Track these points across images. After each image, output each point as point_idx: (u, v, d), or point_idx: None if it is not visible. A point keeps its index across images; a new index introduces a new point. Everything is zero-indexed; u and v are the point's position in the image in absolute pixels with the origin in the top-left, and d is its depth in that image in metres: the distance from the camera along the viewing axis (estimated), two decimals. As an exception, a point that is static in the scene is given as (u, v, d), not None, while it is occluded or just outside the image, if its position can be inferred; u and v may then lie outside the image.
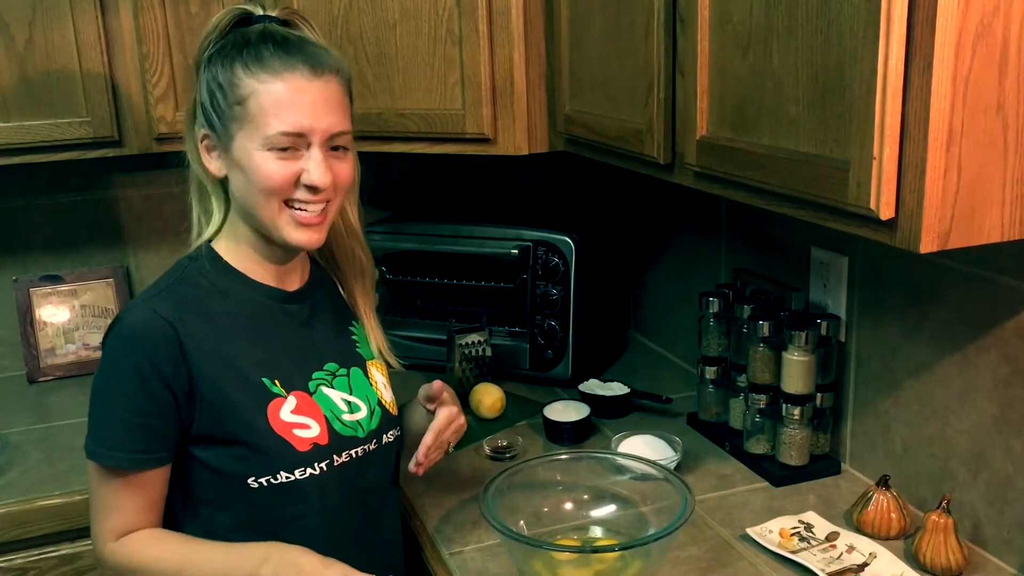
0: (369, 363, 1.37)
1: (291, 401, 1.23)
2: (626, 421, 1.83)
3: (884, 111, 0.94)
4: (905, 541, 1.37)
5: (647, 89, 1.38)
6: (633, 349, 2.25)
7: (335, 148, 1.22)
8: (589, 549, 1.36)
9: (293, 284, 1.31)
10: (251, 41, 1.19)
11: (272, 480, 1.21)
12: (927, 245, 0.96)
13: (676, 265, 2.12)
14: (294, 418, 1.23)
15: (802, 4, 1.05)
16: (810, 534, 1.40)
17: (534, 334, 1.98)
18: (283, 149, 1.17)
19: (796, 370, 1.53)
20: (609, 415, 1.84)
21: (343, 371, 1.31)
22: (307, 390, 1.26)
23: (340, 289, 1.41)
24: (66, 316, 2.14)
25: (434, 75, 1.74)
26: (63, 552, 1.62)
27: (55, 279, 2.14)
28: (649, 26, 1.35)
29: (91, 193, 2.15)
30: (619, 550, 1.30)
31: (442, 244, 2.04)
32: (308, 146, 1.19)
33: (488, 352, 1.93)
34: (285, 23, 1.24)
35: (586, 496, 1.44)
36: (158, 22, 1.80)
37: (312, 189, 1.19)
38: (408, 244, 2.07)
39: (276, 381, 1.23)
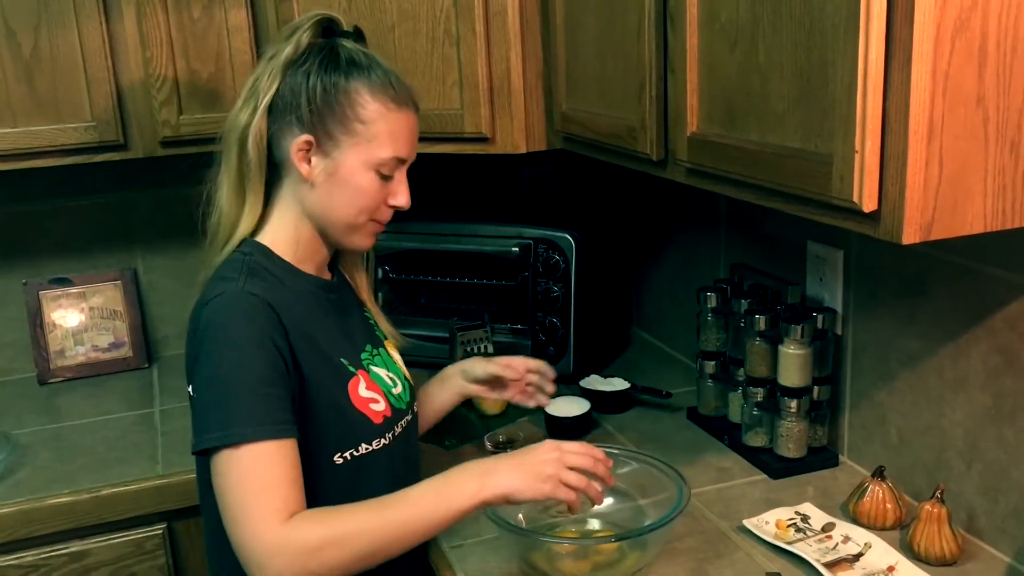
0: (386, 342, 1.45)
1: (362, 379, 1.31)
2: (626, 416, 1.85)
3: (865, 106, 0.96)
4: (901, 531, 1.38)
5: (639, 87, 1.40)
6: (635, 345, 2.27)
7: None
8: (587, 541, 1.38)
9: (326, 275, 1.38)
10: (369, 65, 1.26)
11: (355, 452, 1.27)
12: (909, 236, 0.97)
13: (677, 261, 2.13)
14: (367, 393, 1.31)
15: (786, 1, 1.06)
16: (806, 525, 1.41)
17: (536, 331, 2.00)
18: (386, 173, 1.27)
19: (792, 363, 1.55)
20: (609, 410, 1.85)
21: (376, 351, 1.40)
22: (366, 368, 1.33)
23: (347, 278, 1.47)
24: (75, 318, 2.17)
25: (432, 76, 1.76)
26: (72, 550, 1.65)
27: (64, 282, 2.17)
28: (641, 25, 1.37)
29: (98, 196, 2.18)
30: (616, 541, 1.32)
31: (444, 243, 2.06)
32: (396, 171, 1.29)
33: (490, 349, 1.95)
34: (363, 38, 1.34)
35: (584, 489, 1.46)
36: (161, 28, 1.83)
37: (394, 209, 1.32)
38: (410, 243, 2.10)
39: (346, 361, 1.30)
